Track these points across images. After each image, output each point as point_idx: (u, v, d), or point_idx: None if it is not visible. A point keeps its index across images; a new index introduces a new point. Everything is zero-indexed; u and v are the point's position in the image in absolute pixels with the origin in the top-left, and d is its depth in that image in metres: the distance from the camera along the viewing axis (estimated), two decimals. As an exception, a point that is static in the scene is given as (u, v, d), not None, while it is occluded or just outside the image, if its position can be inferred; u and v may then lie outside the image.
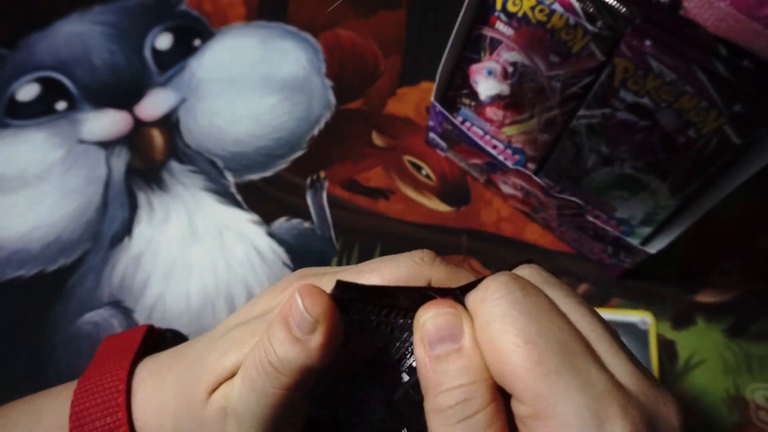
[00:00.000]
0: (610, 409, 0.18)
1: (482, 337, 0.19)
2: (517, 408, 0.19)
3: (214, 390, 0.24)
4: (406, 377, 0.23)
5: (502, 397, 0.20)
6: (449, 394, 0.19)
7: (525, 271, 0.22)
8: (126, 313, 0.40)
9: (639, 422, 0.18)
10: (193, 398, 0.24)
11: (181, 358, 0.27)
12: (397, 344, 0.23)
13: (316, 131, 0.47)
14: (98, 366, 0.28)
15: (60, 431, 0.26)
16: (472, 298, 0.20)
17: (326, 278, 0.25)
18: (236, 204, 0.44)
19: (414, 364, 0.23)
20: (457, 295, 0.21)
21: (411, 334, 0.22)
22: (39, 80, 0.47)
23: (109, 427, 0.26)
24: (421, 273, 0.24)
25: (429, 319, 0.20)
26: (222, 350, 0.24)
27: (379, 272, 0.24)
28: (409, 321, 0.22)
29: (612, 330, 0.21)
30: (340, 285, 0.22)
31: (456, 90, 0.41)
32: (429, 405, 0.20)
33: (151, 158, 0.45)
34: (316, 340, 0.21)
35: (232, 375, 0.24)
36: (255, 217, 0.43)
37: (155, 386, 0.27)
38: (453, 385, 0.19)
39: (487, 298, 0.20)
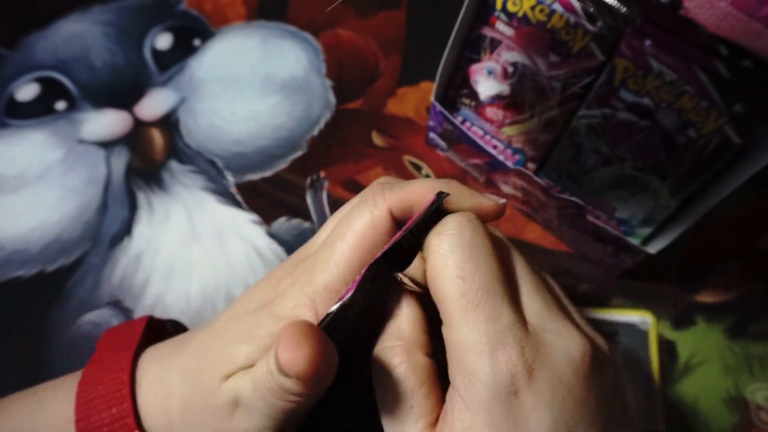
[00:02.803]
0: (506, 339, 0.21)
1: (430, 264, 0.23)
2: (442, 327, 0.23)
3: (226, 378, 0.25)
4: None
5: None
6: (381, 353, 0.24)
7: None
8: (126, 313, 0.40)
9: (528, 352, 0.21)
10: (205, 384, 0.25)
11: (184, 345, 0.28)
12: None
13: (316, 131, 0.47)
14: (101, 358, 0.28)
15: (64, 422, 0.26)
16: (433, 230, 0.23)
17: (308, 263, 0.26)
18: (236, 204, 0.44)
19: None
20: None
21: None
22: (39, 80, 0.47)
23: (115, 417, 0.26)
24: (381, 214, 0.25)
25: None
26: (231, 339, 0.25)
27: (347, 240, 0.25)
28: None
29: (541, 276, 0.26)
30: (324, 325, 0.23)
31: (456, 90, 0.41)
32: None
33: (151, 158, 0.45)
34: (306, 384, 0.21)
35: (243, 365, 0.24)
36: (255, 217, 0.43)
37: (159, 374, 0.27)
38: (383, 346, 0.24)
39: (441, 233, 0.23)
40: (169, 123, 0.46)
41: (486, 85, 0.38)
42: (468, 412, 0.21)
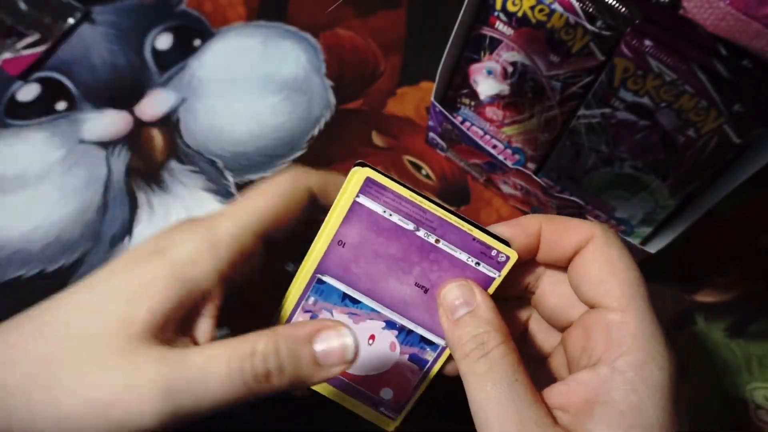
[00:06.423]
0: (661, 330, 0.24)
1: (601, 253, 0.25)
2: (599, 312, 0.25)
3: (136, 338, 0.22)
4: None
5: (513, 342, 0.25)
6: (469, 342, 0.25)
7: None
8: (126, 313, 0.40)
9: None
10: (97, 345, 0.22)
11: (44, 310, 0.24)
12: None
13: (316, 131, 0.47)
14: None
15: None
16: (597, 226, 0.26)
17: (208, 222, 0.25)
18: (236, 204, 0.44)
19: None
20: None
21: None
22: (39, 80, 0.47)
23: None
24: (302, 184, 0.27)
25: (447, 292, 0.26)
26: (126, 296, 0.23)
27: (263, 195, 0.26)
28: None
29: None
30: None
31: (456, 90, 0.41)
32: (456, 356, 0.25)
33: (151, 158, 0.45)
34: None
35: (146, 323, 0.23)
36: (255, 217, 0.43)
37: None
38: (472, 335, 0.25)
39: (609, 231, 0.26)
40: (169, 123, 0.46)
41: (486, 85, 0.38)
42: (636, 393, 0.22)
